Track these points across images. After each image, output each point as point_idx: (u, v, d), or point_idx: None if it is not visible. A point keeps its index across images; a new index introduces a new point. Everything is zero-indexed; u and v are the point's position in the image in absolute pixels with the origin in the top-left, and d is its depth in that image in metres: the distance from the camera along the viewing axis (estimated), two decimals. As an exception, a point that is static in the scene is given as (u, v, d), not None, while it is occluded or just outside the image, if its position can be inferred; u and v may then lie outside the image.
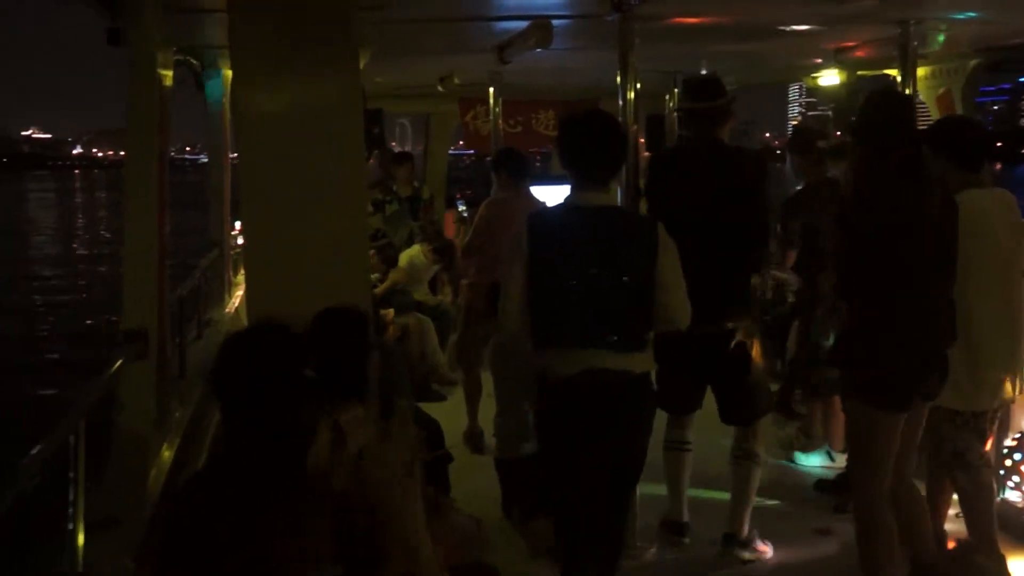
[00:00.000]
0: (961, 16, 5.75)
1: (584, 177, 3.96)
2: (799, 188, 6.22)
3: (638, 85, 4.75)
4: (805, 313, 6.18)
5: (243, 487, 1.75)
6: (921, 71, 7.73)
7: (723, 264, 4.77)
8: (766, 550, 5.07)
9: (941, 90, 8.01)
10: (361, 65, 4.92)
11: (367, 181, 4.50)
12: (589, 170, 3.96)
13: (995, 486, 4.73)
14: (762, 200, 4.97)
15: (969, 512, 4.70)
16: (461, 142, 12.51)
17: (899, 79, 5.55)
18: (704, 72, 8.45)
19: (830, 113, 9.77)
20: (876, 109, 4.20)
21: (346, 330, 3.47)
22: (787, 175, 6.55)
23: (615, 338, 3.81)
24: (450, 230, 10.92)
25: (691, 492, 5.31)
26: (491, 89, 8.26)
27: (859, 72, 7.89)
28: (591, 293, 3.81)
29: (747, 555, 5.02)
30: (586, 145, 3.97)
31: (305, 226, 4.20)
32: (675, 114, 8.60)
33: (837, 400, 5.61)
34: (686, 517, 5.20)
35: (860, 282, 4.10)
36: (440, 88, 8.87)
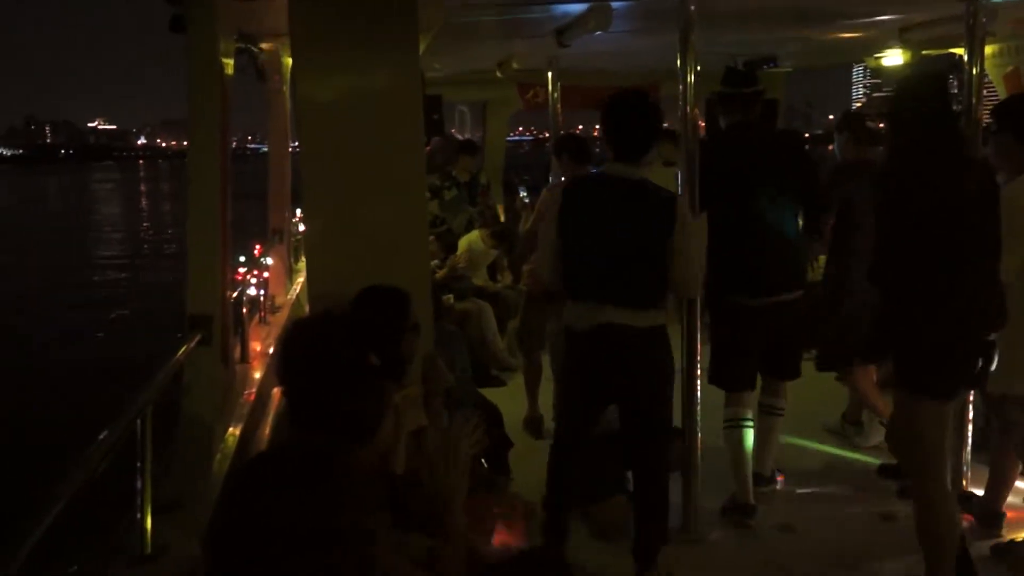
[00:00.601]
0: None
1: (616, 151, 4.37)
2: (839, 164, 6.26)
3: (698, 68, 4.67)
4: (833, 289, 6.06)
5: (304, 471, 1.75)
6: (988, 49, 7.45)
7: (785, 237, 5.06)
8: (781, 478, 5.62)
9: (1009, 68, 7.71)
10: (420, 51, 4.94)
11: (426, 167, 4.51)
12: (620, 145, 4.36)
13: None
14: (812, 170, 5.30)
15: None
16: (520, 128, 12.38)
17: (965, 58, 5.21)
18: (761, 55, 8.52)
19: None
20: (910, 94, 4.12)
21: (382, 309, 3.50)
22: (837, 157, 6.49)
23: (627, 297, 4.25)
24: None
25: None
26: (549, 74, 7.98)
27: (924, 52, 7.57)
28: (608, 255, 4.26)
29: (767, 489, 5.50)
30: (620, 123, 4.38)
31: (365, 213, 4.23)
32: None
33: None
34: (752, 499, 5.19)
35: (897, 267, 4.02)
36: (498, 74, 8.79)
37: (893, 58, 8.14)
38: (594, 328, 4.29)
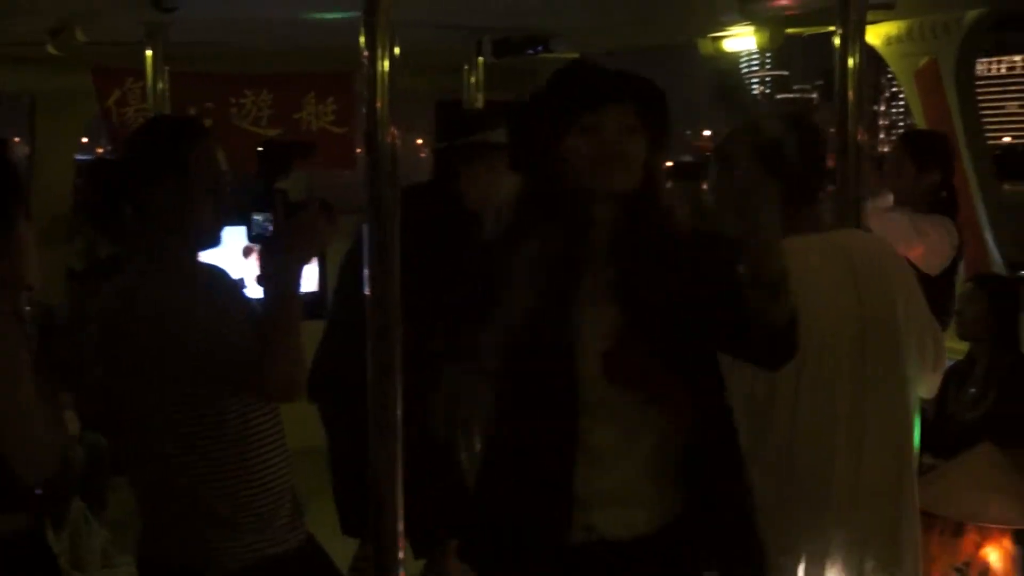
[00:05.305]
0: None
1: None
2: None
3: (396, 50, 3.63)
4: None
5: None
6: (887, 29, 7.12)
7: None
8: None
9: (923, 60, 7.10)
10: None
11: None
12: None
13: None
14: None
15: None
16: (85, 139, 10.68)
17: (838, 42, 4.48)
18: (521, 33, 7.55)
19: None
20: None
21: None
22: None
23: None
24: None
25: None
26: (149, 52, 6.53)
27: (788, 30, 6.63)
28: None
29: None
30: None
31: None
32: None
33: None
34: None
35: None
36: (52, 50, 7.00)
37: (740, 41, 7.06)
38: None
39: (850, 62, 4.45)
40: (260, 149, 6.67)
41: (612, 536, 3.10)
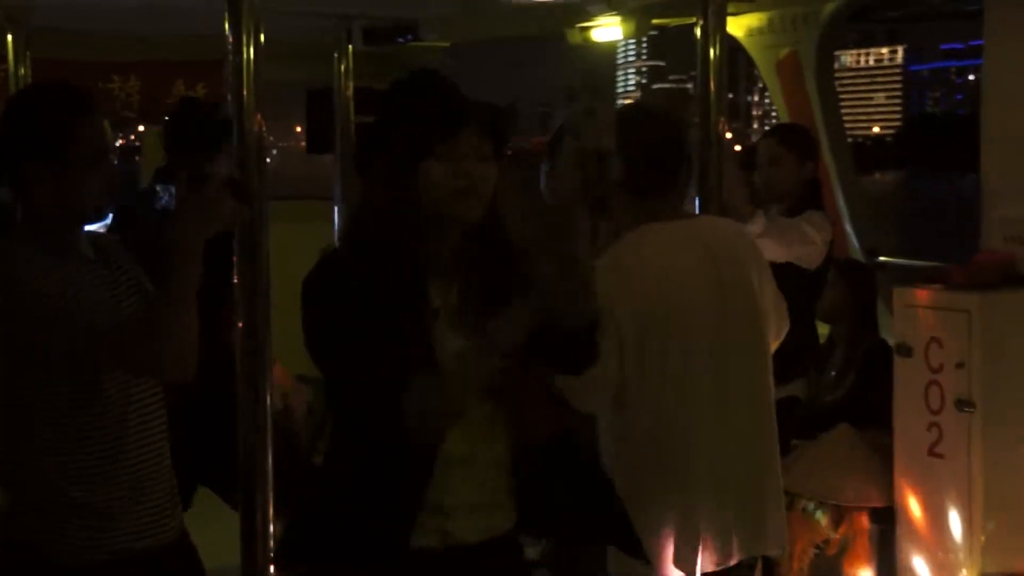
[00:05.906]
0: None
1: None
2: None
3: (261, 38, 3.80)
4: None
5: None
6: (749, 20, 7.18)
7: None
8: None
9: (784, 52, 7.21)
10: None
11: None
12: None
13: None
14: None
15: None
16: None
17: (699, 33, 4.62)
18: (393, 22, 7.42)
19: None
20: None
21: None
22: None
23: None
24: None
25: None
26: (9, 37, 6.41)
27: (654, 20, 6.70)
28: None
29: None
30: None
31: None
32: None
33: None
34: None
35: None
36: None
37: (608, 31, 6.97)
38: None
39: (711, 53, 4.58)
40: (167, 119, 6.45)
41: (467, 541, 3.05)
